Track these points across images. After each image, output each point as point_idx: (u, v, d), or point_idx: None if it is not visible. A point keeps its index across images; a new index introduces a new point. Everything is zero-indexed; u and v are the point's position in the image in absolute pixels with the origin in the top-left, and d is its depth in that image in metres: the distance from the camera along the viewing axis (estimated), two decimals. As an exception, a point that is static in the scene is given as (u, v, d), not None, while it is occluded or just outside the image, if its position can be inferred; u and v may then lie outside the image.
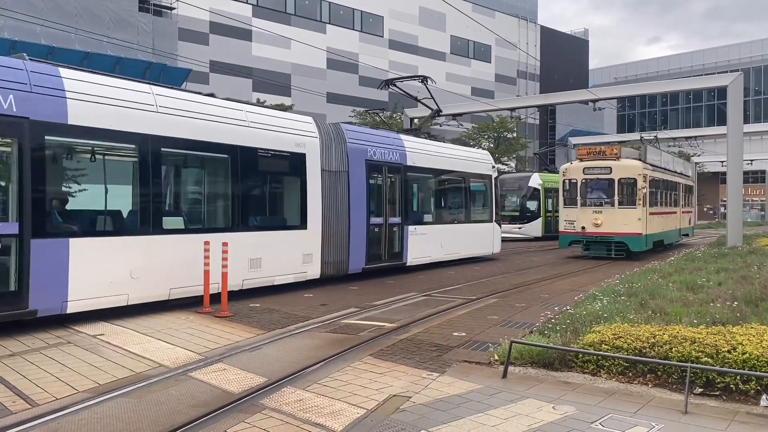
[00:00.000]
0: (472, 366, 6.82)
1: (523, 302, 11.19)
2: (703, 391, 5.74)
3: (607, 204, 20.23)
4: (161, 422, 5.06)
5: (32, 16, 25.64)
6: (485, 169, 20.16)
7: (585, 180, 20.65)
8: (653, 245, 21.80)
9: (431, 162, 17.22)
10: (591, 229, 20.32)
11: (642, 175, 19.88)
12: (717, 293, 10.12)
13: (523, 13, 65.17)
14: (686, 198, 29.64)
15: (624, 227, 19.81)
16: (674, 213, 25.74)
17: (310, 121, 13.17)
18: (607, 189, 20.31)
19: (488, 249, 20.23)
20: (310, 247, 12.71)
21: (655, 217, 21.64)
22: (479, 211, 20.24)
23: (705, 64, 70.81)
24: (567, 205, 21.01)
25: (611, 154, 20.51)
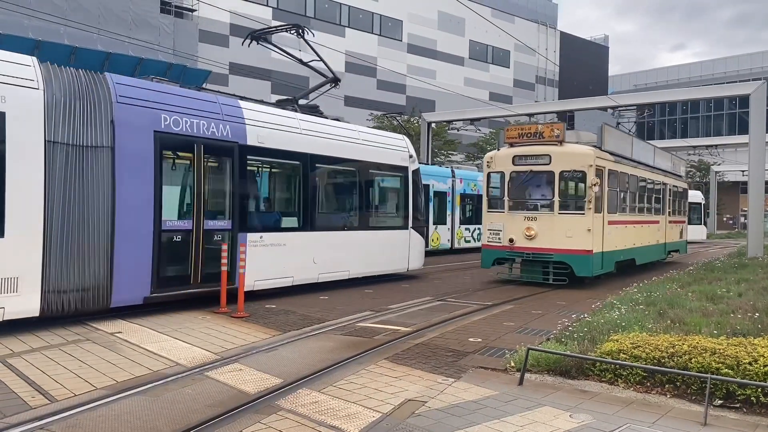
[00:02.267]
0: (488, 372, 6.79)
1: (539, 309, 11.12)
2: (722, 403, 5.65)
3: (544, 208, 14.42)
4: (178, 421, 5.09)
5: (56, 16, 26.00)
6: (397, 158, 15.18)
7: (515, 173, 14.76)
8: (616, 266, 15.88)
9: (297, 143, 12.10)
10: (521, 243, 14.34)
11: (595, 168, 13.91)
12: (737, 304, 10.00)
13: (542, 19, 64.92)
14: (676, 203, 22.80)
15: (567, 241, 13.87)
16: (654, 223, 19.68)
17: (21, 61, 8.32)
18: (545, 186, 14.62)
19: (400, 264, 15.17)
20: (10, 266, 7.94)
21: (619, 228, 15.81)
22: (387, 213, 15.65)
23: (727, 71, 70.02)
24: (491, 208, 15.24)
25: (550, 136, 14.32)
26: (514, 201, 14.85)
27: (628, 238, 16.69)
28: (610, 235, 14.94)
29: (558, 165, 14.15)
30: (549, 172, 14.28)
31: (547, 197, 14.47)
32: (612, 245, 15.19)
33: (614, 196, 15.58)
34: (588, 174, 13.83)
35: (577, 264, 13.90)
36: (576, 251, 13.88)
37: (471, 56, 57.23)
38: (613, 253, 15.37)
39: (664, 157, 22.13)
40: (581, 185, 14.42)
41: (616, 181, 15.59)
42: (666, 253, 21.61)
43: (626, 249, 16.62)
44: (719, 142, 54.02)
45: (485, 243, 15.23)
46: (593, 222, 13.87)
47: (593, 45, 74.06)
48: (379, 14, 50.41)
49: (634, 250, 17.31)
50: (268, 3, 43.57)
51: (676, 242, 22.98)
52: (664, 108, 73.16)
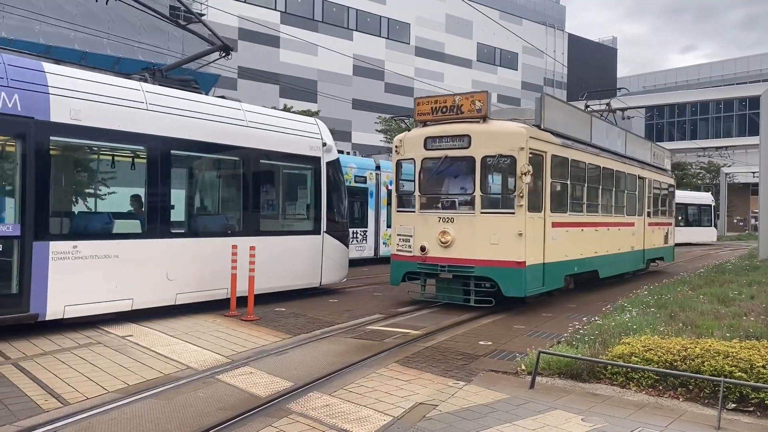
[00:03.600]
0: (499, 375, 6.77)
1: (550, 312, 11.08)
2: (736, 406, 5.61)
3: (464, 206, 11.02)
4: (189, 424, 5.11)
5: (67, 21, 26.20)
6: (304, 147, 12.20)
7: (428, 161, 11.38)
8: (567, 282, 12.84)
9: (141, 122, 9.27)
10: (435, 252, 10.94)
11: (528, 152, 10.51)
12: (750, 306, 9.92)
13: (550, 21, 64.85)
14: (659, 202, 19.25)
15: (492, 249, 10.52)
16: (627, 225, 16.07)
17: None
18: (465, 177, 11.16)
19: (310, 278, 12.18)
20: None
21: (572, 231, 12.49)
22: (289, 215, 13.01)
23: (737, 73, 69.62)
24: (401, 207, 11.80)
25: (471, 110, 10.94)
26: (427, 197, 11.37)
27: (585, 244, 13.15)
28: (556, 242, 11.53)
29: (480, 148, 10.65)
30: (468, 158, 10.78)
31: (468, 191, 10.93)
32: (559, 254, 11.70)
33: (563, 191, 12.22)
34: (518, 160, 10.34)
35: (505, 280, 10.39)
36: (503, 263, 10.38)
37: (479, 59, 57.24)
38: (561, 265, 11.88)
39: (641, 145, 18.27)
40: (510, 175, 10.92)
41: (565, 170, 12.18)
42: (645, 263, 17.83)
43: (583, 259, 12.98)
44: (729, 144, 53.83)
45: (395, 252, 11.67)
46: (527, 224, 10.47)
47: (601, 47, 73.90)
48: (387, 17, 50.52)
49: (595, 260, 13.65)
50: (275, 7, 43.74)
51: (658, 249, 19.01)
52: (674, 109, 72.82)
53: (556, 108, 12.34)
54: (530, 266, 10.62)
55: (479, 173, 10.71)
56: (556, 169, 11.82)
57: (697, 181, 56.57)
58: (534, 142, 10.80)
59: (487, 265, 10.52)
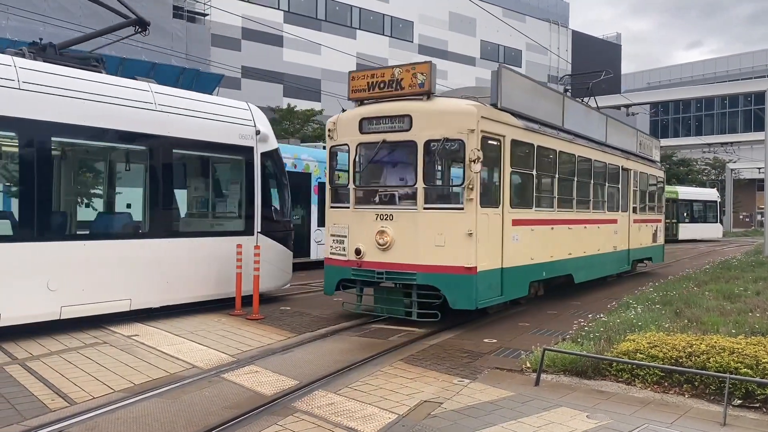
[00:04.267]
0: (504, 373, 6.77)
1: (554, 310, 11.07)
2: (742, 402, 5.60)
3: (405, 200, 9.37)
4: (195, 423, 5.13)
5: (70, 22, 26.28)
6: (233, 135, 10.63)
7: (364, 146, 9.69)
8: (535, 289, 11.26)
9: (14, 104, 7.89)
10: (372, 256, 9.27)
11: (480, 135, 8.88)
12: (755, 303, 9.90)
13: (554, 18, 64.68)
14: (646, 197, 17.44)
15: (437, 252, 8.89)
16: (609, 222, 14.29)
17: None
18: (406, 166, 9.60)
19: (242, 285, 10.29)
20: None
21: (538, 230, 10.71)
22: (213, 212, 11.59)
23: (741, 68, 69.31)
24: (335, 202, 10.12)
25: (411, 85, 9.25)
26: (363, 191, 9.68)
27: (557, 245, 11.41)
28: (518, 243, 9.90)
29: (422, 131, 8.95)
30: (409, 143, 9.11)
31: (409, 183, 9.28)
32: (522, 257, 10.07)
33: (527, 183, 10.55)
34: (467, 144, 8.68)
35: (452, 289, 8.76)
36: (450, 269, 8.75)
37: (482, 56, 57.12)
38: (524, 270, 10.19)
39: (625, 132, 16.25)
40: (458, 163, 9.63)
41: (529, 159, 10.49)
42: (630, 264, 15.95)
43: (554, 262, 11.27)
44: (735, 140, 53.63)
45: (328, 256, 9.94)
46: (479, 222, 8.80)
47: (605, 43, 73.67)
48: (390, 16, 50.47)
49: (568, 263, 11.92)
50: (279, 6, 43.75)
51: (645, 248, 17.15)
52: (678, 106, 72.67)
53: (517, 84, 10.35)
54: (483, 272, 8.92)
55: (422, 161, 8.93)
56: (518, 158, 10.08)
57: (702, 177, 56.43)
58: (488, 124, 9.06)
59: (431, 272, 8.81)
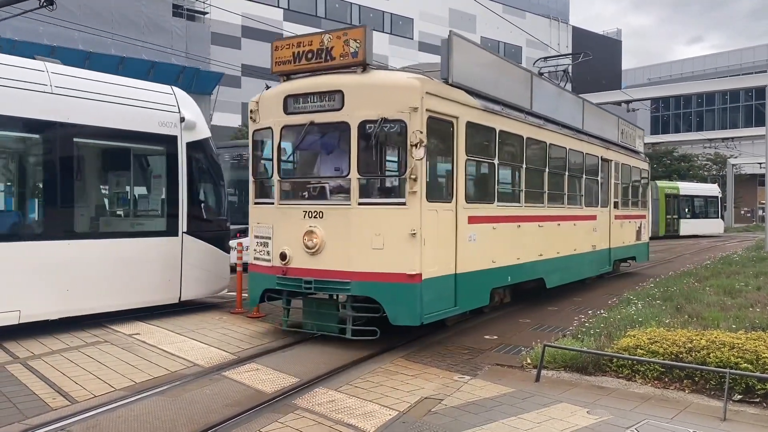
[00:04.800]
0: (505, 369, 6.78)
1: (555, 306, 11.07)
2: (742, 398, 5.60)
3: (337, 194, 8.00)
4: (196, 420, 5.14)
5: (70, 22, 26.27)
6: (152, 122, 9.40)
7: (289, 130, 8.22)
8: (500, 296, 10.01)
9: None
10: (300, 261, 7.84)
11: (426, 114, 7.48)
12: (756, 298, 9.91)
13: (554, 14, 64.60)
14: (629, 191, 16.01)
15: (374, 257, 7.47)
16: (587, 219, 12.88)
17: None
18: (338, 153, 8.25)
19: (162, 292, 9.45)
20: None
21: (501, 228, 9.28)
22: (128, 210, 10.17)
23: (742, 63, 69.19)
24: (259, 198, 8.66)
25: (344, 55, 7.78)
26: (289, 183, 8.38)
27: (525, 245, 9.99)
28: (476, 244, 8.46)
29: (356, 109, 7.48)
30: (341, 125, 7.66)
31: (342, 173, 7.86)
32: (482, 260, 8.68)
33: (489, 174, 9.19)
34: (409, 125, 7.25)
35: (391, 301, 7.33)
36: (388, 276, 7.31)
37: (482, 53, 57.05)
38: (484, 275, 8.79)
39: (605, 119, 14.73)
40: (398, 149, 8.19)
41: (490, 145, 9.12)
42: (612, 264, 14.42)
43: (521, 264, 9.87)
44: (736, 135, 53.43)
45: (252, 262, 8.52)
46: (424, 219, 7.35)
47: (606, 39, 73.58)
48: (390, 13, 50.45)
49: (539, 265, 10.51)
50: (278, 4, 43.75)
51: (629, 247, 15.72)
52: (679, 101, 72.55)
53: (473, 56, 8.91)
54: (431, 280, 7.46)
55: (356, 147, 7.43)
56: (476, 144, 8.74)
57: (703, 173, 56.35)
58: (437, 102, 7.63)
59: (367, 280, 7.35)
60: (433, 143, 7.76)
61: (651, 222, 33.91)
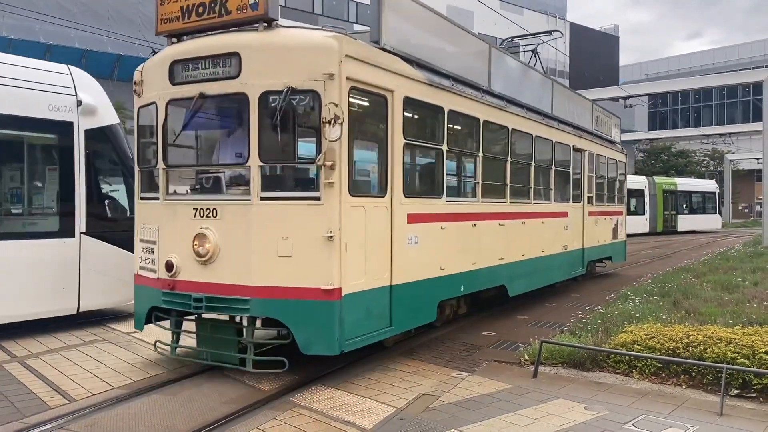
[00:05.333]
0: (502, 366, 6.79)
1: (553, 302, 11.09)
2: (739, 392, 5.62)
3: (234, 186, 6.37)
4: (194, 418, 5.14)
5: (66, 20, 26.23)
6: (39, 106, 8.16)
7: (176, 105, 6.46)
8: (449, 307, 8.60)
9: None
10: (189, 273, 6.18)
11: (347, 83, 5.87)
12: (753, 293, 9.94)
13: (551, 10, 64.58)
14: (604, 184, 14.55)
15: (280, 267, 5.85)
16: (557, 216, 11.45)
17: None
18: (236, 133, 6.70)
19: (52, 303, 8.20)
20: None
21: (449, 228, 7.76)
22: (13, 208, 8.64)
23: (740, 59, 69.25)
24: (145, 192, 6.88)
25: (240, 7, 6.03)
26: (177, 172, 6.80)
27: (481, 247, 8.54)
28: (417, 247, 7.00)
29: (256, 77, 5.96)
30: (238, 98, 6.16)
31: (240, 160, 6.31)
32: (426, 267, 7.21)
33: (436, 162, 7.72)
34: (323, 98, 5.78)
35: (302, 324, 5.88)
36: (298, 292, 5.86)
37: (480, 49, 57.03)
38: (429, 285, 7.27)
39: (577, 104, 13.29)
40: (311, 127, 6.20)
41: (437, 127, 7.63)
42: (585, 266, 12.94)
43: (477, 270, 8.39)
44: (733, 130, 53.62)
45: (137, 272, 6.95)
46: (345, 218, 5.91)
47: (603, 35, 73.57)
48: (387, 9, 50.38)
49: (500, 271, 9.10)
50: (276, 1, 43.68)
51: (604, 246, 14.33)
52: (677, 97, 72.62)
53: (414, 16, 7.43)
54: (355, 295, 5.99)
55: (256, 125, 5.88)
56: (419, 125, 7.48)
57: (701, 169, 56.45)
58: (363, 70, 6.11)
59: (271, 297, 5.83)
60: (359, 122, 6.38)
61: (649, 218, 34.50)
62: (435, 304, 7.56)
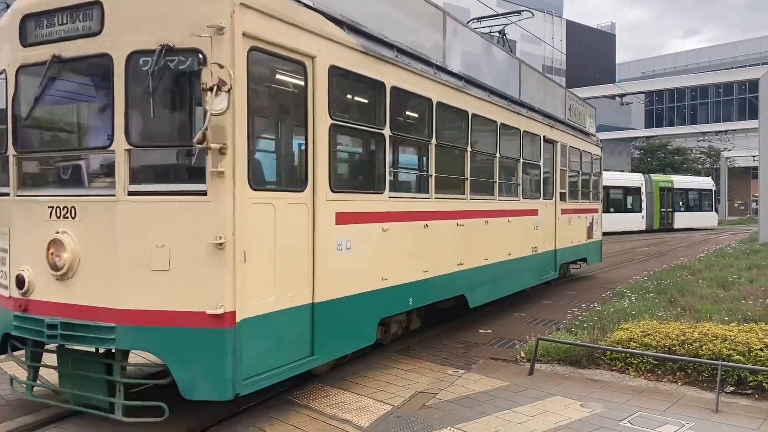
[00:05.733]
0: (499, 363, 6.81)
1: (549, 300, 11.11)
2: (734, 389, 5.65)
3: (98, 179, 4.89)
4: (192, 416, 5.14)
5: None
6: None
7: (28, 72, 4.96)
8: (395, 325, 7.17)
9: None
10: (44, 291, 4.78)
11: (239, 40, 4.43)
12: (749, 290, 9.97)
13: (548, 8, 64.57)
14: (578, 180, 13.40)
15: (154, 284, 4.47)
16: (524, 214, 10.20)
17: None
18: (99, 106, 5.04)
19: None
20: None
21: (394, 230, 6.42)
22: None
23: (736, 56, 69.36)
24: None
25: None
26: (29, 159, 5.36)
27: (435, 252, 7.32)
28: (351, 254, 5.81)
29: (123, 33, 4.58)
30: (100, 60, 4.67)
31: (103, 142, 4.77)
32: (363, 278, 6.03)
33: (376, 149, 6.46)
34: (209, 58, 4.37)
35: (183, 360, 4.50)
36: (177, 317, 4.49)
37: (477, 47, 57.00)
38: (366, 301, 6.06)
39: (549, 90, 12.09)
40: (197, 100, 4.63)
41: (376, 106, 6.38)
42: (557, 269, 11.75)
43: (428, 280, 7.13)
44: (729, 128, 53.67)
45: None
46: (242, 219, 4.57)
47: (600, 33, 73.63)
48: (384, 7, 50.34)
49: (458, 279, 7.83)
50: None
51: (578, 247, 13.12)
52: (673, 94, 72.72)
53: None
54: (257, 320, 4.69)
55: (123, 95, 4.57)
56: (352, 102, 6.33)
57: (697, 166, 56.57)
58: (270, 26, 4.83)
59: (143, 323, 4.53)
60: (265, 94, 5.18)
61: (646, 215, 34.57)
62: (375, 323, 6.26)
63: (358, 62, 5.90)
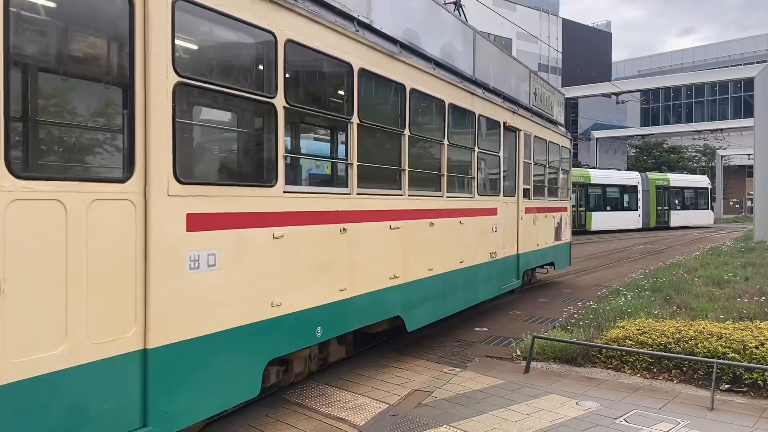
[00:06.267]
0: (494, 361, 6.81)
1: (545, 298, 11.12)
2: (729, 387, 5.66)
3: None
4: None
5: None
6: None
7: None
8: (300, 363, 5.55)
9: None
10: None
11: None
12: (744, 288, 9.98)
13: (544, 6, 64.60)
14: (545, 175, 11.66)
15: None
16: (481, 214, 8.55)
17: None
18: None
19: None
20: None
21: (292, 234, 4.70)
22: None
23: (731, 55, 69.53)
24: None
25: None
26: None
27: (357, 264, 5.63)
28: (219, 274, 4.03)
29: None
30: None
31: None
32: (243, 306, 4.26)
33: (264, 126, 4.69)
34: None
35: None
36: None
37: (473, 45, 56.94)
38: (244, 339, 4.26)
39: (509, 68, 10.19)
40: None
41: (261, 67, 4.65)
42: (520, 276, 10.16)
43: (346, 301, 5.46)
44: (725, 126, 53.83)
45: None
46: None
47: (596, 31, 73.68)
48: (380, 5, 50.25)
49: (392, 296, 6.27)
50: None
51: (545, 250, 11.54)
52: (669, 93, 72.82)
53: None
54: (26, 387, 2.99)
55: None
56: (216, 56, 4.46)
57: (693, 165, 56.72)
58: None
59: None
60: (51, 32, 3.38)
61: (642, 214, 34.65)
62: (260, 367, 4.49)
63: (234, 4, 4.16)
